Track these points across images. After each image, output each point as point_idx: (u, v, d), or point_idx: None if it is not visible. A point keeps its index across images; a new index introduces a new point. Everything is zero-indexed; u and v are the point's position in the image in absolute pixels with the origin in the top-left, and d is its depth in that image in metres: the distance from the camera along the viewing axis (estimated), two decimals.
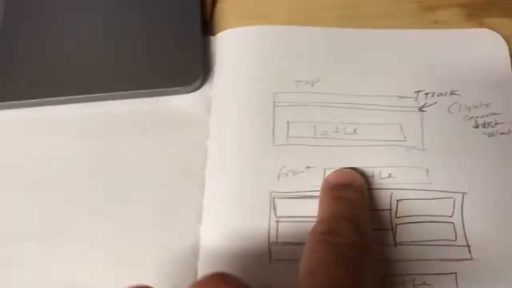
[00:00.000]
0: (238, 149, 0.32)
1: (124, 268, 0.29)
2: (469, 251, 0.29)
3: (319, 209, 0.29)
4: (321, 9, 0.37)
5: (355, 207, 0.28)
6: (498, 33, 0.35)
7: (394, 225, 0.29)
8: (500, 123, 0.32)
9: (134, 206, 0.31)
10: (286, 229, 0.29)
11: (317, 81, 0.33)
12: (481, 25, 0.36)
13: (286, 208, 0.30)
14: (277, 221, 0.29)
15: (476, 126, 0.32)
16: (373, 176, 0.30)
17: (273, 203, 0.30)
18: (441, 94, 0.33)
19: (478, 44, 0.35)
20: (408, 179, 0.30)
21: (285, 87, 0.33)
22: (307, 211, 0.30)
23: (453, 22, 0.36)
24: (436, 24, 0.36)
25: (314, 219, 0.29)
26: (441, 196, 0.30)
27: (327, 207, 0.28)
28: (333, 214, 0.27)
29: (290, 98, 0.33)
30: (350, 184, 0.29)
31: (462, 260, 0.28)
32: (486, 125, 0.32)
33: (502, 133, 0.32)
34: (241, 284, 0.22)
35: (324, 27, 0.36)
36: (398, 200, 0.30)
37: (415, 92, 0.33)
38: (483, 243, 0.29)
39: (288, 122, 0.32)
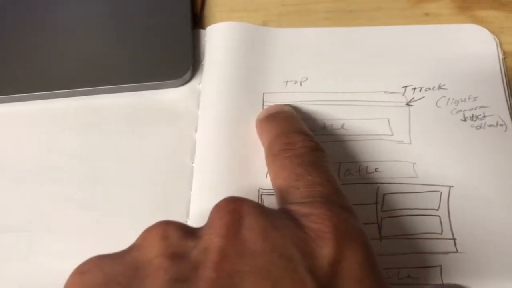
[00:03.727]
0: (227, 144, 0.32)
1: None
2: (455, 244, 0.29)
3: (261, 138, 0.31)
4: (311, 3, 0.37)
5: (293, 120, 0.30)
6: (489, 25, 0.35)
7: (379, 218, 0.29)
8: (488, 116, 0.32)
9: (122, 198, 0.31)
10: None
11: (305, 80, 0.34)
12: (472, 17, 0.36)
13: (274, 205, 0.30)
14: None
15: (464, 119, 0.32)
16: (359, 170, 0.31)
17: (261, 199, 0.30)
18: (429, 88, 0.33)
19: (466, 39, 0.35)
20: (394, 173, 0.30)
21: (273, 87, 0.34)
22: None
23: (444, 15, 0.36)
24: (427, 16, 0.36)
25: None
26: (428, 190, 0.30)
27: (269, 131, 0.30)
28: (279, 132, 0.28)
29: (279, 98, 0.33)
30: (280, 109, 0.31)
31: (447, 253, 0.29)
32: (474, 118, 0.32)
33: (490, 126, 0.32)
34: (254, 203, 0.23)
35: (311, 28, 0.36)
36: (384, 194, 0.30)
37: (403, 87, 0.33)
38: (469, 236, 0.29)
39: None
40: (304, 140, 0.27)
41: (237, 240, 0.21)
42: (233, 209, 0.22)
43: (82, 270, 0.22)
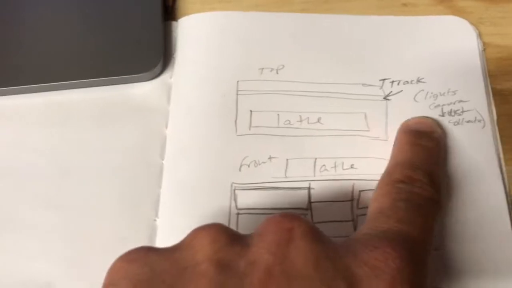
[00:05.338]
0: (199, 139, 0.31)
1: (81, 260, 0.29)
2: None
3: (394, 150, 0.29)
4: None
5: (433, 157, 0.28)
6: (469, 16, 0.35)
7: (355, 216, 0.29)
8: (467, 111, 0.31)
9: (91, 196, 0.30)
10: (247, 221, 0.29)
11: (282, 68, 0.33)
12: (452, 8, 0.35)
13: (247, 200, 0.29)
14: (238, 213, 0.29)
15: (442, 115, 0.31)
16: (335, 166, 0.30)
17: (234, 194, 0.29)
18: (407, 82, 0.32)
19: (446, 31, 0.34)
20: (370, 170, 0.30)
21: (248, 75, 0.33)
22: (268, 203, 0.29)
23: (422, 5, 0.36)
24: (405, 7, 0.35)
25: (276, 211, 0.29)
26: None
27: (404, 152, 0.28)
28: (410, 160, 0.27)
29: (254, 86, 0.32)
30: (430, 133, 0.29)
31: None
32: (453, 113, 0.31)
33: (468, 121, 0.31)
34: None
35: (289, 13, 0.35)
36: (360, 191, 0.29)
37: (381, 80, 0.32)
38: (447, 233, 0.28)
39: (251, 111, 0.32)
40: (426, 184, 0.26)
41: (286, 261, 0.20)
42: (289, 227, 0.21)
43: (130, 259, 0.21)
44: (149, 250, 0.22)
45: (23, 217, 0.30)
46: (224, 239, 0.21)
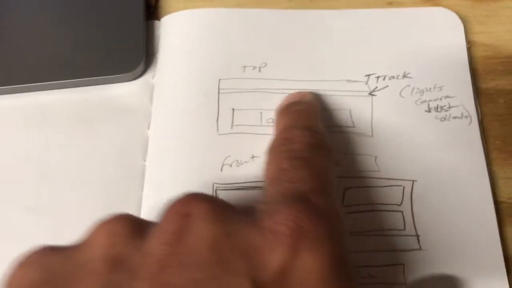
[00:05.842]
0: (180, 139, 0.30)
1: None
2: (418, 241, 0.28)
3: (274, 129, 0.29)
4: None
5: (307, 114, 0.28)
6: None
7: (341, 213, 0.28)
8: (453, 107, 0.31)
9: (71, 199, 0.29)
10: None
11: (264, 66, 0.32)
12: (437, 6, 0.35)
13: (229, 200, 0.28)
14: None
15: (429, 110, 0.31)
16: None
17: (216, 195, 0.29)
18: (393, 77, 0.32)
19: (433, 24, 0.33)
20: (355, 166, 0.29)
21: (230, 73, 0.32)
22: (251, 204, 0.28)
23: (408, 3, 0.35)
24: (390, 5, 0.35)
25: None
26: (390, 184, 0.29)
27: (278, 123, 0.28)
28: (285, 125, 0.27)
29: (236, 84, 0.32)
30: (300, 100, 0.29)
31: (410, 250, 0.27)
32: (439, 109, 0.31)
33: (455, 117, 0.31)
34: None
35: (272, 9, 0.34)
36: (345, 189, 0.29)
37: (366, 75, 0.32)
38: (433, 233, 0.28)
39: (233, 109, 0.31)
40: (304, 135, 0.25)
41: (182, 249, 0.19)
42: (184, 213, 0.20)
43: (26, 262, 0.21)
44: (48, 250, 0.21)
45: (1, 220, 0.29)
46: (125, 232, 0.20)
